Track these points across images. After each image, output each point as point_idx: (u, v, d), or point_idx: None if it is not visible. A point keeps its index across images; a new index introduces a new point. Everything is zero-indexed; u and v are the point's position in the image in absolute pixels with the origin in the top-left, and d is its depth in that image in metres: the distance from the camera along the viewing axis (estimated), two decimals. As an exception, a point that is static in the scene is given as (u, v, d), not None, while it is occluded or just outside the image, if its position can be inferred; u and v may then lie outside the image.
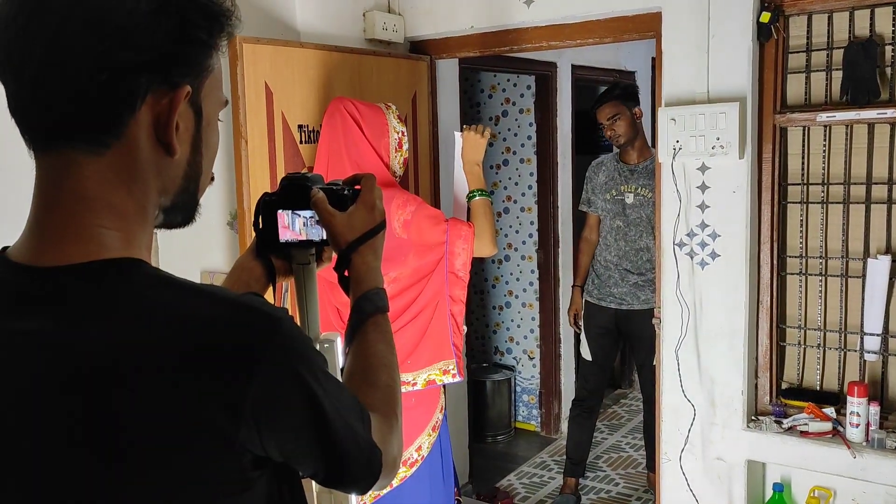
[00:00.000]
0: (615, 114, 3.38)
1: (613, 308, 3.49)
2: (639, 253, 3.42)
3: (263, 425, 0.69)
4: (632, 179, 3.44)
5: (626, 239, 3.43)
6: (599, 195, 3.53)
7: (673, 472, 2.61)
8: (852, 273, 2.40)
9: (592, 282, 3.56)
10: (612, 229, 3.47)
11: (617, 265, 3.45)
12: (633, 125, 3.40)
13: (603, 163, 3.58)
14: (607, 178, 3.51)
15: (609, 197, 3.48)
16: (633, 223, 3.42)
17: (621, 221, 3.44)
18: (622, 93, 3.44)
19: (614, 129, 3.39)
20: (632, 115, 3.39)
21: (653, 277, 3.40)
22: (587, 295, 3.57)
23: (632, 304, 3.45)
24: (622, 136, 3.40)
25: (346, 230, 1.03)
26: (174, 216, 0.79)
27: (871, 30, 2.29)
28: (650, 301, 3.39)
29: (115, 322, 0.68)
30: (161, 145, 0.73)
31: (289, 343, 0.71)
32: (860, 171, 2.36)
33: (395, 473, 0.89)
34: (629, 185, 3.44)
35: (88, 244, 0.70)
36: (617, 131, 3.39)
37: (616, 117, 3.37)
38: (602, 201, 3.51)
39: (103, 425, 0.66)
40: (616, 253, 3.45)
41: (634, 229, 3.41)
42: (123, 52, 0.68)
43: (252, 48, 2.43)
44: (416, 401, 2.42)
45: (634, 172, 3.44)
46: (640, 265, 3.42)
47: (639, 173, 3.43)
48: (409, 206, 2.29)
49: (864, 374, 2.41)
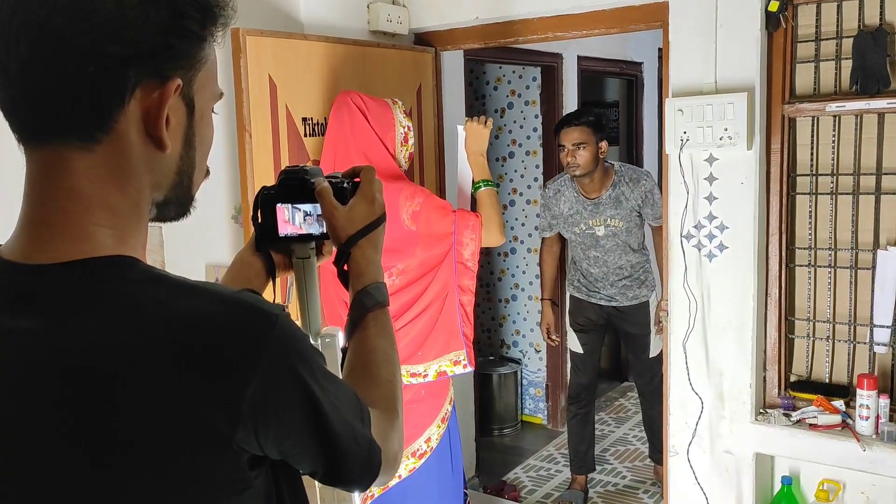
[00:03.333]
0: (582, 141, 3.13)
1: (602, 305, 3.45)
2: (621, 269, 3.36)
3: (261, 425, 0.68)
4: (598, 213, 3.27)
5: (606, 263, 3.35)
6: (566, 228, 3.36)
7: (681, 466, 2.60)
8: (862, 265, 2.37)
9: (579, 280, 3.48)
10: (589, 258, 3.37)
11: (602, 279, 3.40)
12: (595, 159, 3.15)
13: (561, 192, 3.34)
14: (570, 210, 3.31)
15: (578, 231, 3.32)
16: (610, 250, 3.32)
17: (597, 252, 3.33)
18: (595, 121, 3.19)
19: (576, 157, 3.13)
20: (597, 148, 3.15)
21: (641, 275, 3.38)
22: (574, 290, 3.50)
23: (621, 302, 3.42)
24: (581, 167, 3.14)
25: (346, 223, 1.02)
26: (168, 211, 0.78)
27: (881, 18, 2.26)
28: (639, 297, 3.39)
29: (110, 321, 0.67)
30: (152, 140, 0.71)
31: (286, 341, 0.70)
32: (870, 161, 2.33)
33: (395, 470, 0.88)
34: (597, 219, 3.27)
35: (81, 242, 0.69)
36: (578, 160, 3.13)
37: (582, 145, 3.13)
38: (570, 233, 3.37)
39: (97, 426, 0.65)
40: (599, 270, 3.38)
41: (612, 254, 3.33)
42: (111, 44, 0.66)
43: (255, 41, 2.41)
44: (426, 392, 2.42)
45: (599, 205, 3.27)
46: (628, 272, 3.37)
47: (604, 205, 3.25)
48: (417, 198, 2.29)
49: (873, 367, 2.38)
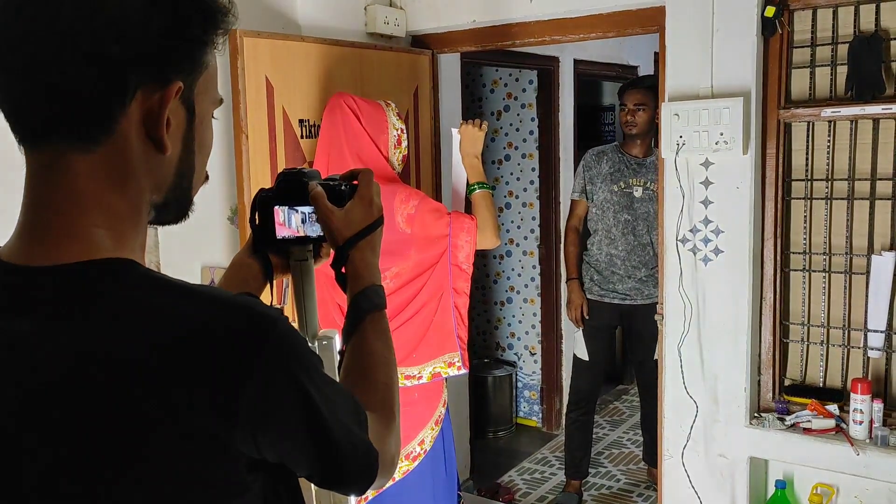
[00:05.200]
0: (643, 102, 3.32)
1: (616, 304, 3.42)
2: (645, 248, 3.36)
3: (259, 428, 0.68)
4: (640, 173, 3.36)
5: (635, 233, 3.35)
6: (602, 185, 3.39)
7: (675, 469, 2.60)
8: (856, 269, 2.38)
9: (592, 279, 3.45)
10: (619, 223, 3.36)
11: (625, 260, 3.37)
12: (651, 121, 3.33)
13: (605, 152, 3.45)
14: (612, 168, 3.39)
15: (616, 189, 3.37)
16: (641, 217, 3.34)
17: (629, 215, 3.35)
18: (654, 85, 3.29)
19: (636, 117, 3.32)
20: (654, 113, 3.30)
21: (657, 272, 3.37)
22: (586, 292, 3.46)
23: (635, 300, 3.39)
24: (639, 126, 3.33)
25: (343, 226, 1.02)
26: (166, 214, 0.78)
27: (877, 24, 2.27)
28: (654, 296, 3.32)
29: (107, 324, 0.67)
30: (152, 142, 0.71)
31: (284, 344, 0.70)
32: (865, 166, 2.34)
33: (392, 473, 0.88)
34: (638, 179, 3.36)
35: (80, 244, 0.69)
36: (637, 119, 3.32)
37: (642, 106, 3.32)
38: (606, 192, 3.38)
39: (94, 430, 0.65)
40: (624, 247, 3.36)
41: (642, 223, 3.34)
42: (114, 45, 0.66)
43: (252, 42, 2.41)
44: (420, 395, 2.42)
45: (643, 166, 3.37)
46: (647, 260, 3.36)
47: (647, 167, 3.36)
48: (411, 201, 2.29)
49: (867, 371, 2.39)
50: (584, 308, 3.45)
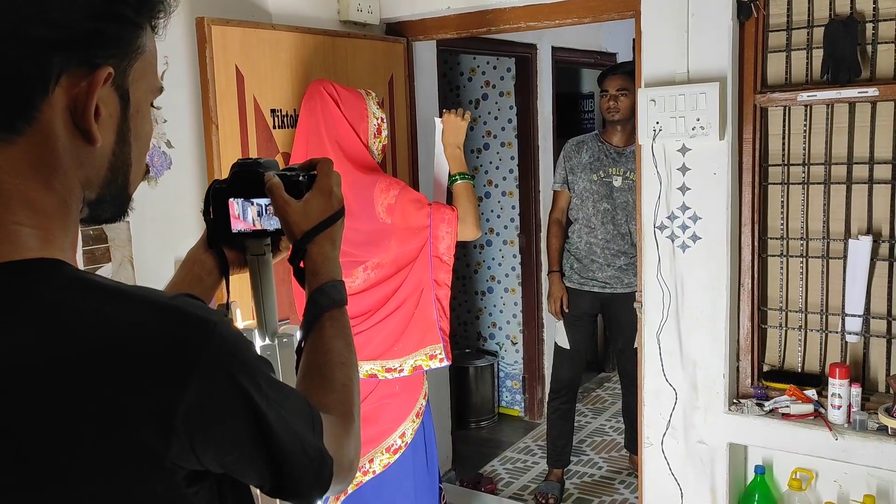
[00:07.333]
0: (625, 87, 3.28)
1: (596, 292, 3.42)
2: (625, 237, 3.35)
3: (197, 438, 0.64)
4: (620, 162, 3.35)
5: (615, 222, 3.35)
6: (582, 175, 3.39)
7: (655, 456, 2.60)
8: (833, 254, 2.38)
9: (571, 267, 3.45)
10: (599, 212, 3.36)
11: (604, 248, 3.37)
12: (633, 106, 3.25)
13: (584, 142, 3.43)
14: (591, 158, 3.38)
15: (596, 178, 3.36)
16: (621, 207, 3.34)
17: (608, 204, 3.35)
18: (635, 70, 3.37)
19: (618, 102, 3.29)
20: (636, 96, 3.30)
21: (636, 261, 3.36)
22: (566, 280, 3.47)
23: (615, 288, 3.39)
24: (622, 111, 3.30)
25: (301, 219, 0.98)
26: (102, 211, 0.73)
27: (852, 7, 2.25)
28: (633, 285, 3.32)
29: (32, 329, 0.62)
30: (80, 132, 0.67)
31: (225, 349, 0.66)
32: (841, 150, 2.33)
33: (352, 477, 0.84)
34: (617, 168, 3.34)
35: (3, 244, 0.64)
36: (619, 105, 3.30)
37: (624, 91, 3.28)
38: (586, 181, 3.38)
39: (15, 443, 0.61)
40: (603, 236, 3.36)
41: (622, 213, 3.34)
42: (35, 27, 0.62)
43: (221, 30, 2.36)
44: (400, 387, 2.40)
45: (622, 155, 3.35)
46: (627, 248, 3.36)
47: (626, 157, 3.33)
48: (392, 190, 2.26)
49: (845, 356, 2.39)
50: (563, 300, 3.45)
